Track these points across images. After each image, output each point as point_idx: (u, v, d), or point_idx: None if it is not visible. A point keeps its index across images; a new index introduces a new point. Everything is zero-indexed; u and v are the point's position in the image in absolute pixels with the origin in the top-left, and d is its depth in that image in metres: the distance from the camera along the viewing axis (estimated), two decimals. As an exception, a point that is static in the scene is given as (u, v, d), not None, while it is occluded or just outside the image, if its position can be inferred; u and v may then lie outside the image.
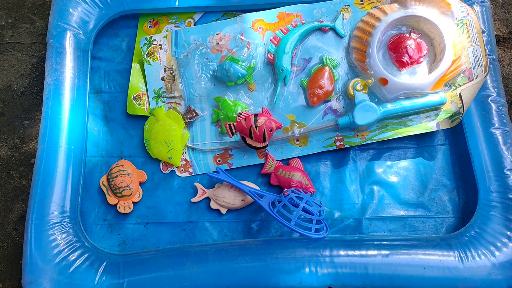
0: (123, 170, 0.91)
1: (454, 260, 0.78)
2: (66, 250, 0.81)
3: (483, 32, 0.93)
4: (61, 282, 0.79)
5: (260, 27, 0.96)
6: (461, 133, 0.91)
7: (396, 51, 0.90)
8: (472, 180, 0.89)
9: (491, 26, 0.95)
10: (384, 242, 0.81)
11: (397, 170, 0.94)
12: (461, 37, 0.90)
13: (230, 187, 0.91)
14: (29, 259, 0.81)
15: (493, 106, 0.89)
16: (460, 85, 0.90)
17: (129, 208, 0.91)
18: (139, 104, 0.98)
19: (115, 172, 0.91)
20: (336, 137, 0.94)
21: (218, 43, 0.96)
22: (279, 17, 0.97)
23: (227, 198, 0.90)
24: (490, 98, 0.90)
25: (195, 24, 1.03)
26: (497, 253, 0.79)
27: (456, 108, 0.91)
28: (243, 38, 0.95)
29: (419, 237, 0.85)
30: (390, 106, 0.89)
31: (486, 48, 0.90)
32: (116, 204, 0.91)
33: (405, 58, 0.90)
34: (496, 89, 0.90)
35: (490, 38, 0.93)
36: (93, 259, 0.82)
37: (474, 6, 0.95)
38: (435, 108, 0.91)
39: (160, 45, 0.99)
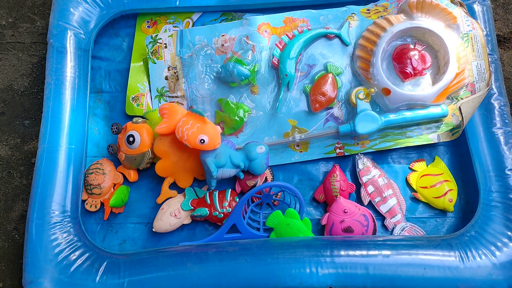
0: (100, 169, 0.92)
1: (455, 260, 0.78)
2: (66, 249, 0.81)
3: (484, 31, 0.93)
4: (62, 282, 0.79)
5: (266, 31, 0.96)
6: (462, 133, 0.91)
7: (400, 62, 0.90)
8: (473, 180, 0.89)
9: (492, 26, 0.95)
10: (385, 242, 0.81)
11: (397, 170, 0.94)
12: (466, 50, 0.90)
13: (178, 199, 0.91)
14: (29, 258, 0.81)
15: (495, 106, 0.89)
16: (462, 98, 0.90)
17: (96, 207, 0.91)
18: (138, 105, 0.98)
19: (92, 169, 0.92)
20: (336, 145, 0.94)
21: (223, 45, 0.96)
22: (285, 22, 0.97)
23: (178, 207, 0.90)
24: (492, 97, 0.90)
25: (193, 24, 1.03)
26: (497, 253, 0.79)
27: (457, 121, 0.91)
28: (248, 41, 0.95)
29: (420, 237, 0.85)
30: (391, 116, 0.90)
31: (490, 64, 0.90)
32: (85, 200, 0.92)
33: (409, 69, 0.90)
34: (498, 89, 0.91)
35: (491, 38, 0.93)
36: (94, 258, 0.82)
37: (475, 5, 0.95)
38: (436, 120, 0.91)
39: (165, 44, 0.99)
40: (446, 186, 0.90)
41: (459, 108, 0.88)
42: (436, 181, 0.90)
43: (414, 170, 0.93)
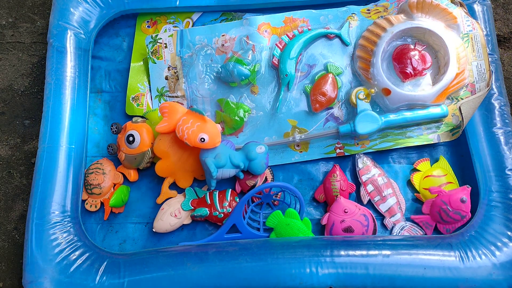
0: (100, 169, 0.92)
1: (455, 260, 0.78)
2: (66, 249, 0.81)
3: (484, 31, 0.93)
4: (62, 282, 0.79)
5: (266, 31, 0.96)
6: (462, 133, 0.91)
7: (400, 62, 0.90)
8: (473, 180, 0.89)
9: (492, 26, 0.95)
10: (385, 242, 0.81)
11: (397, 170, 0.94)
12: (466, 51, 0.90)
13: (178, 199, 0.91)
14: (29, 258, 0.81)
15: (496, 105, 0.89)
16: (462, 99, 0.90)
17: (96, 207, 0.91)
18: (138, 105, 0.98)
19: (92, 169, 0.92)
20: (336, 145, 0.94)
21: (223, 45, 0.96)
22: (285, 22, 0.97)
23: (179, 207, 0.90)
24: (492, 97, 0.90)
25: (193, 24, 1.03)
26: (497, 253, 0.79)
27: (457, 121, 0.91)
28: (248, 41, 0.95)
29: (420, 237, 0.85)
30: (391, 117, 0.90)
31: (490, 64, 0.90)
32: (86, 200, 0.92)
33: (409, 69, 0.90)
34: (498, 89, 0.91)
35: (491, 38, 0.93)
36: (94, 258, 0.82)
37: (475, 5, 0.95)
38: (436, 120, 0.91)
39: (165, 43, 0.99)
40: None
41: (459, 108, 0.88)
42: (440, 182, 0.90)
43: (418, 170, 0.93)
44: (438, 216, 0.87)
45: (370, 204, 0.91)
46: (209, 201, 0.89)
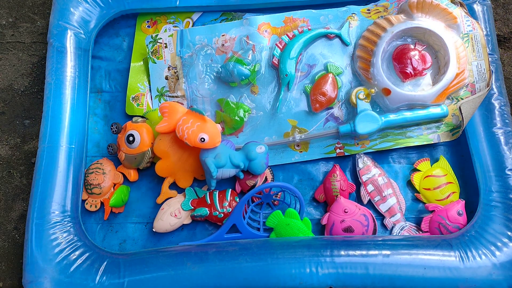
0: (100, 169, 0.92)
1: (455, 260, 0.78)
2: (66, 249, 0.81)
3: (484, 31, 0.93)
4: (62, 282, 0.79)
5: (266, 31, 0.96)
6: (462, 133, 0.91)
7: (400, 62, 0.90)
8: (473, 180, 0.89)
9: (492, 26, 0.95)
10: (385, 242, 0.81)
11: (397, 170, 0.94)
12: (466, 51, 0.90)
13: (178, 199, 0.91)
14: (29, 258, 0.81)
15: (496, 105, 0.89)
16: (462, 99, 0.90)
17: (96, 206, 0.92)
18: (138, 105, 0.98)
19: (92, 169, 0.92)
20: (336, 145, 0.94)
21: (223, 45, 0.96)
22: (285, 22, 0.97)
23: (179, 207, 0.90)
24: (492, 97, 0.90)
25: (193, 24, 1.03)
26: (497, 253, 0.79)
27: (457, 121, 0.91)
28: (248, 41, 0.95)
29: (420, 237, 0.85)
30: (391, 117, 0.90)
31: (490, 64, 0.90)
32: (86, 200, 0.92)
33: (409, 69, 0.90)
34: (498, 89, 0.91)
35: (491, 38, 0.93)
36: (94, 258, 0.82)
37: (475, 5, 0.95)
38: (436, 120, 0.91)
39: (165, 43, 0.99)
40: (449, 189, 0.90)
41: (459, 108, 0.88)
42: (440, 183, 0.90)
43: (418, 170, 0.93)
44: (438, 231, 0.87)
45: (370, 204, 0.91)
46: (209, 201, 0.89)
